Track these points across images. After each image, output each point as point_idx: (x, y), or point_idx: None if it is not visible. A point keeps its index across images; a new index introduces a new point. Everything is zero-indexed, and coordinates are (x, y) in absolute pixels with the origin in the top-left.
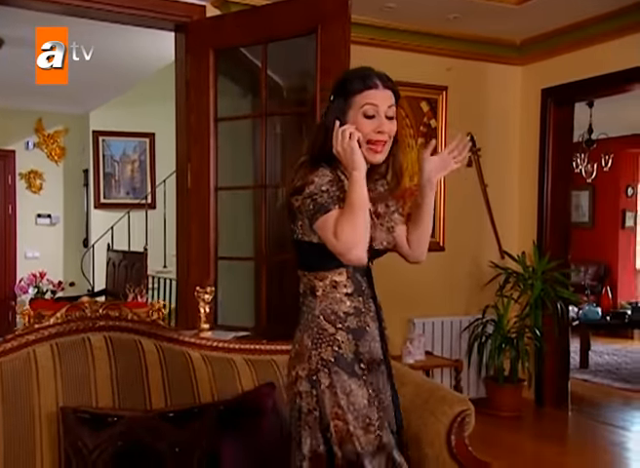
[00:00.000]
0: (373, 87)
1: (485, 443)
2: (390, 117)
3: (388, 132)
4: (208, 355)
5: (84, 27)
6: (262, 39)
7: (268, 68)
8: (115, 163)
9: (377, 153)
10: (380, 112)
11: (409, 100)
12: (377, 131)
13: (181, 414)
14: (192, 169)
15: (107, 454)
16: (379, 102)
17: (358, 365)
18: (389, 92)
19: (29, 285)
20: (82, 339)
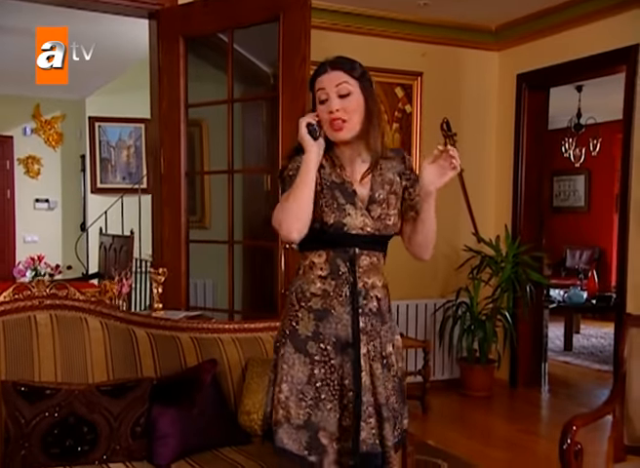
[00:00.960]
0: (321, 73)
1: (455, 421)
2: (344, 95)
3: (343, 109)
4: (153, 333)
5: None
6: (229, 26)
7: (254, 56)
8: (111, 148)
9: (336, 131)
10: (330, 94)
11: (383, 86)
12: (328, 111)
13: (117, 387)
14: (164, 154)
15: (44, 425)
16: (326, 85)
17: (316, 344)
18: (338, 72)
19: (27, 268)
20: (28, 317)
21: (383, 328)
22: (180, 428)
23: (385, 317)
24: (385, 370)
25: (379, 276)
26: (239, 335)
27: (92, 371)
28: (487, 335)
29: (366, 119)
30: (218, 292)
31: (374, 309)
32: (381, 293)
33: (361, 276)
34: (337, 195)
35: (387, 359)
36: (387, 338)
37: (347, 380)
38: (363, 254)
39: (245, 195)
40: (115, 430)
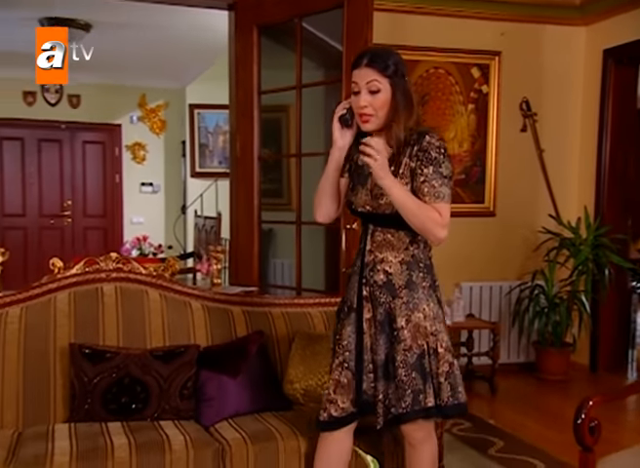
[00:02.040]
0: (356, 67)
1: (525, 404)
2: (373, 91)
3: (371, 105)
4: (208, 305)
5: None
6: (297, 14)
7: (333, 39)
8: (209, 134)
9: (364, 123)
10: (362, 88)
11: (458, 67)
12: (358, 105)
13: (168, 353)
14: (240, 139)
15: (104, 384)
16: (358, 80)
17: (342, 308)
18: (371, 70)
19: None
20: (96, 289)
21: (395, 301)
22: (224, 392)
23: (399, 292)
24: (394, 342)
25: (393, 252)
26: (289, 310)
27: (149, 338)
28: (562, 319)
29: (391, 112)
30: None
31: (379, 282)
32: (394, 268)
33: (373, 250)
34: (355, 177)
35: (398, 332)
36: (399, 313)
37: (346, 341)
38: (377, 231)
39: None
40: (165, 391)
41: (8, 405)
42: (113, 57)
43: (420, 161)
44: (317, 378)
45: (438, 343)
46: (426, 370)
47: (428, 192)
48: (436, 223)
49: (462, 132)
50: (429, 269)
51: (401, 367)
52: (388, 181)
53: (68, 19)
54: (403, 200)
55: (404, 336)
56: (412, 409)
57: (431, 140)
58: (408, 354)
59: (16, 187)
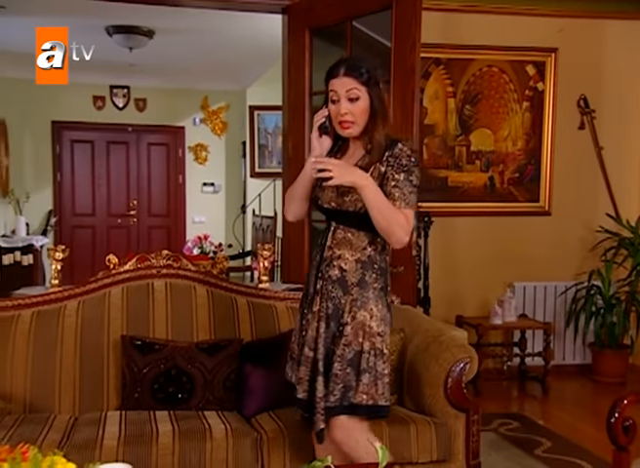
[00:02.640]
0: (334, 76)
1: (577, 405)
2: (352, 99)
3: (350, 112)
4: (253, 301)
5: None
6: (348, 16)
7: (384, 38)
8: (268, 135)
9: (344, 129)
10: (341, 97)
11: (512, 65)
12: (337, 113)
13: (212, 345)
14: (292, 139)
15: (152, 374)
16: (337, 89)
17: (302, 303)
18: (349, 78)
19: (194, 246)
20: (147, 284)
21: (345, 298)
22: (266, 385)
23: (351, 289)
24: (336, 336)
25: (351, 251)
26: None
27: (196, 332)
28: (619, 320)
29: (370, 119)
30: None
31: (333, 277)
32: (349, 266)
33: (332, 247)
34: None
35: (342, 327)
36: (347, 309)
37: (304, 331)
38: (339, 229)
39: None
40: (209, 382)
41: (65, 392)
42: (177, 61)
43: (392, 167)
44: None
45: (384, 345)
46: (361, 368)
47: (399, 197)
48: (402, 227)
49: (516, 130)
50: (383, 272)
51: (337, 361)
52: (360, 182)
53: (133, 26)
54: (374, 198)
55: (347, 332)
56: (340, 403)
57: (403, 148)
58: (346, 349)
59: (86, 188)
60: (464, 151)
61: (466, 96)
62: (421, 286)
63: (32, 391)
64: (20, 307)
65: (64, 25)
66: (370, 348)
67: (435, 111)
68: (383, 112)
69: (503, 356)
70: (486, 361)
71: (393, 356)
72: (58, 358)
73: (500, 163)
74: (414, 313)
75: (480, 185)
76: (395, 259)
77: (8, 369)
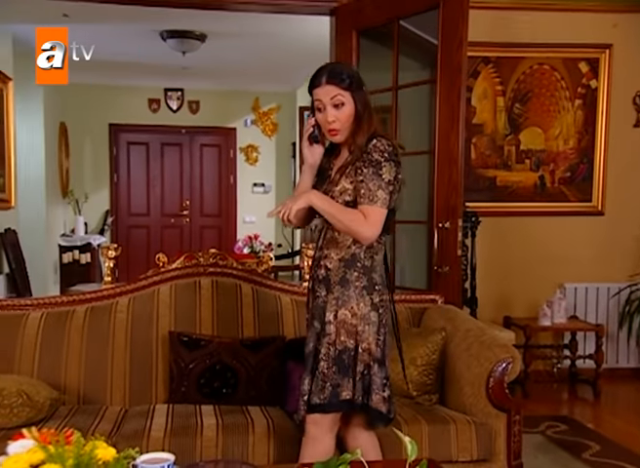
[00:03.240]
0: (317, 85)
1: (629, 410)
2: (338, 105)
3: (337, 119)
4: (296, 299)
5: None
6: (395, 16)
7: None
8: None
9: (333, 136)
10: (326, 105)
11: (564, 62)
12: (325, 120)
13: (256, 342)
14: None
15: (198, 369)
16: (321, 97)
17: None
18: (331, 86)
19: (245, 245)
20: (194, 282)
21: (329, 296)
22: None
23: (333, 287)
24: (321, 335)
25: (336, 249)
26: None
27: (241, 329)
28: None
29: (355, 122)
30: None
31: (320, 276)
32: (333, 265)
33: (322, 247)
34: (318, 178)
35: (325, 325)
36: (329, 307)
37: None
38: (329, 229)
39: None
40: (253, 378)
41: (117, 386)
42: (228, 64)
43: (363, 162)
44: (399, 371)
45: (361, 343)
46: (346, 366)
47: (364, 194)
48: (359, 224)
49: (568, 128)
50: (367, 270)
51: (324, 359)
52: (304, 199)
53: (187, 30)
54: (322, 208)
55: (330, 331)
56: (328, 402)
57: (377, 144)
58: (331, 348)
59: (141, 188)
60: (514, 150)
61: (516, 94)
62: (468, 286)
63: (85, 383)
64: (74, 303)
65: (122, 32)
66: (353, 346)
67: (484, 110)
68: (368, 115)
69: (553, 358)
70: (535, 363)
71: (434, 355)
72: (109, 352)
73: (550, 162)
74: (455, 312)
75: (530, 185)
76: (441, 259)
77: (63, 361)
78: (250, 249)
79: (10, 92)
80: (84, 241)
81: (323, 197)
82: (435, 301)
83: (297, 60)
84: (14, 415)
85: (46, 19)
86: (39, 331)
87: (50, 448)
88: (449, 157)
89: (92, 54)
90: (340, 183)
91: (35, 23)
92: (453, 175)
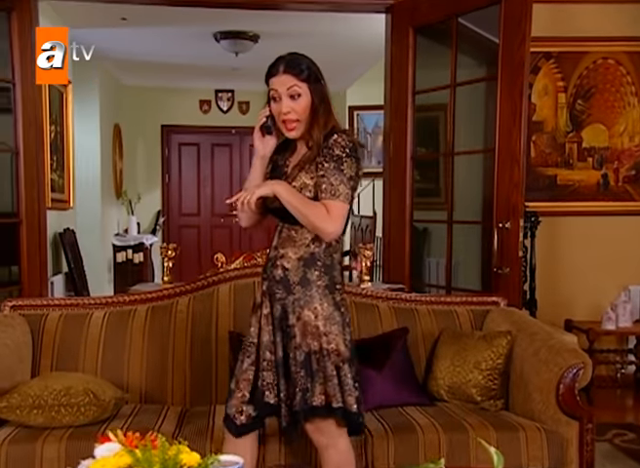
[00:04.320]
0: (273, 74)
1: None
2: (294, 96)
3: (293, 110)
4: (356, 301)
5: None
6: (453, 13)
7: (491, 34)
8: (368, 135)
9: (288, 130)
10: (282, 95)
11: (631, 56)
12: (281, 112)
13: None
14: (393, 139)
15: None
16: (277, 87)
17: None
18: (288, 76)
19: None
20: (253, 282)
21: (289, 297)
22: (369, 385)
23: (293, 288)
24: (286, 339)
25: (294, 249)
26: (435, 307)
27: None
28: None
29: (311, 116)
30: (457, 270)
31: (277, 277)
32: (291, 264)
33: (277, 246)
34: (271, 175)
35: (290, 329)
36: (291, 309)
37: (252, 339)
38: (284, 228)
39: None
40: None
41: (177, 385)
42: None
43: (324, 157)
44: (462, 376)
45: (328, 344)
46: (313, 369)
47: (325, 189)
48: (322, 219)
49: (634, 125)
50: (328, 269)
51: (293, 364)
52: (269, 187)
53: (240, 31)
54: (288, 199)
55: (294, 333)
56: (300, 407)
57: (338, 139)
58: (297, 352)
59: (191, 189)
60: (575, 148)
61: (578, 90)
62: (527, 288)
63: (147, 382)
64: (136, 302)
65: (177, 34)
66: (318, 348)
67: (544, 107)
68: (325, 109)
69: (617, 363)
70: (598, 368)
71: (500, 360)
72: (170, 352)
73: (614, 160)
74: (519, 315)
75: (592, 184)
76: (501, 260)
77: (125, 360)
78: None
79: (69, 95)
80: (137, 241)
81: (289, 188)
82: (497, 304)
83: (348, 59)
84: (81, 414)
85: (105, 23)
86: (102, 330)
87: (137, 452)
88: (511, 155)
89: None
90: (300, 179)
91: (94, 27)
92: (514, 174)
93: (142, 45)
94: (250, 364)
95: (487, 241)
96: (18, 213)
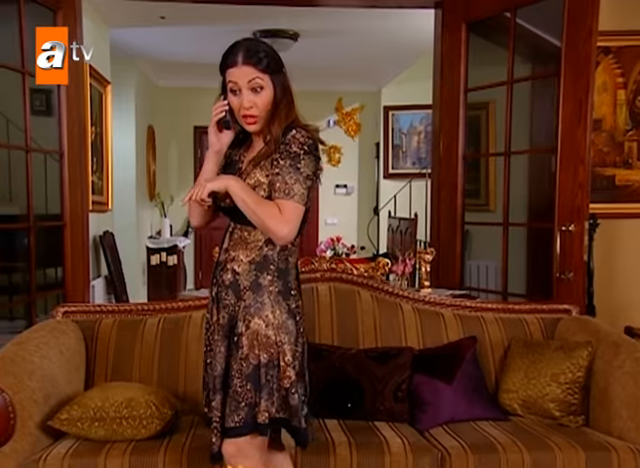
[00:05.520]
0: (231, 65)
1: None
2: (256, 89)
3: (255, 105)
4: (419, 308)
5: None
6: (512, 5)
7: (542, 30)
8: (403, 135)
9: (249, 124)
10: (243, 87)
11: None
12: (242, 106)
13: (382, 354)
14: (443, 138)
15: (321, 380)
16: (237, 79)
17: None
18: (249, 67)
19: (327, 248)
20: (312, 288)
21: (239, 304)
22: (439, 398)
23: (243, 294)
24: (233, 349)
25: (246, 251)
26: (502, 315)
27: (362, 338)
28: None
29: (272, 109)
30: (499, 274)
31: (226, 281)
32: (242, 268)
33: (228, 249)
34: (226, 171)
35: (237, 338)
36: (241, 317)
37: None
38: (236, 228)
39: (530, 176)
40: (379, 392)
41: None
42: (315, 64)
43: (280, 153)
44: (538, 389)
45: (281, 355)
46: (262, 383)
47: (279, 188)
48: (276, 220)
49: None
50: (282, 273)
51: (236, 376)
52: (222, 182)
53: (280, 29)
54: (240, 197)
55: (242, 343)
56: (244, 423)
57: (296, 135)
58: (244, 363)
59: None
60: (635, 147)
61: (639, 86)
62: (585, 293)
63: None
64: (190, 309)
65: (214, 33)
66: (268, 360)
67: (602, 104)
68: (287, 101)
69: None
70: None
71: (580, 372)
72: None
73: None
74: (595, 324)
75: None
76: (564, 265)
77: (181, 369)
78: (333, 251)
79: (109, 95)
80: (170, 243)
81: (243, 184)
82: (569, 312)
83: (384, 59)
84: (142, 427)
85: (144, 22)
86: (157, 338)
87: None
88: (575, 155)
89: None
90: (255, 176)
91: (133, 26)
92: (579, 175)
93: (179, 45)
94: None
95: (533, 244)
96: (62, 215)
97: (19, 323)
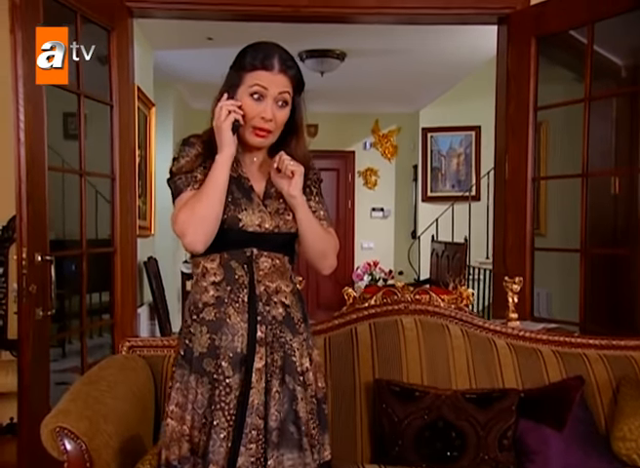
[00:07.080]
0: (266, 68)
1: None
2: (281, 104)
3: (274, 119)
4: (514, 343)
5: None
6: (588, 20)
7: (603, 48)
8: (442, 157)
9: (258, 137)
10: (269, 96)
11: None
12: (261, 116)
13: (483, 396)
14: (510, 159)
15: (415, 425)
16: (268, 86)
17: (213, 360)
18: (286, 78)
19: (364, 273)
20: (395, 321)
21: (295, 339)
22: (548, 447)
23: (298, 327)
24: (298, 390)
25: (285, 281)
26: (607, 353)
27: (455, 378)
28: None
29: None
30: (552, 301)
31: (279, 317)
32: (290, 300)
33: (262, 280)
34: (232, 189)
35: (304, 376)
36: (302, 352)
37: (198, 404)
38: (263, 256)
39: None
40: (483, 439)
41: None
42: (351, 85)
43: (314, 182)
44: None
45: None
46: (325, 418)
47: (325, 216)
48: (335, 250)
49: None
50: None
51: (310, 419)
52: (300, 200)
53: (327, 49)
54: (310, 219)
55: (310, 380)
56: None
57: (316, 170)
58: (314, 401)
59: None
60: None
61: None
62: None
63: None
64: None
65: None
66: (325, 393)
67: None
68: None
69: None
70: None
71: None
72: None
73: None
74: None
75: None
76: None
77: None
78: (370, 276)
79: (153, 117)
80: None
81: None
82: None
83: (425, 81)
84: None
85: (190, 44)
86: None
87: None
88: None
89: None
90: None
91: (179, 49)
92: None
93: (223, 66)
94: (225, 438)
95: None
96: (112, 241)
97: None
